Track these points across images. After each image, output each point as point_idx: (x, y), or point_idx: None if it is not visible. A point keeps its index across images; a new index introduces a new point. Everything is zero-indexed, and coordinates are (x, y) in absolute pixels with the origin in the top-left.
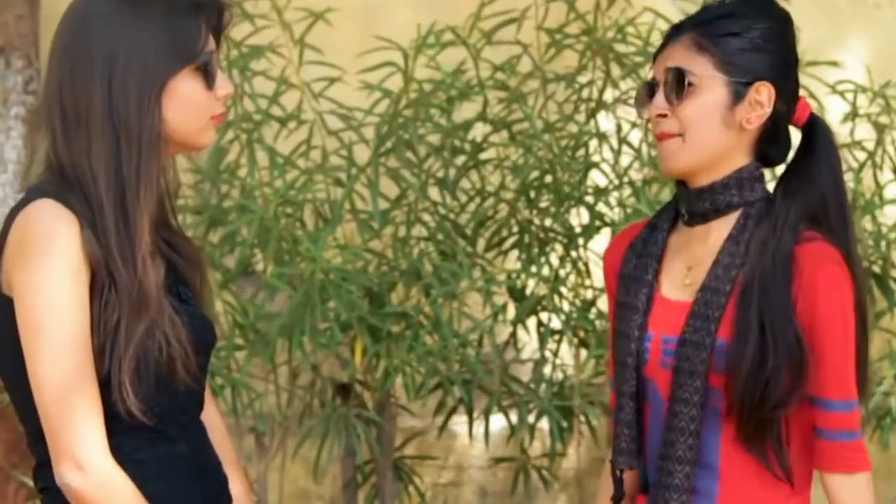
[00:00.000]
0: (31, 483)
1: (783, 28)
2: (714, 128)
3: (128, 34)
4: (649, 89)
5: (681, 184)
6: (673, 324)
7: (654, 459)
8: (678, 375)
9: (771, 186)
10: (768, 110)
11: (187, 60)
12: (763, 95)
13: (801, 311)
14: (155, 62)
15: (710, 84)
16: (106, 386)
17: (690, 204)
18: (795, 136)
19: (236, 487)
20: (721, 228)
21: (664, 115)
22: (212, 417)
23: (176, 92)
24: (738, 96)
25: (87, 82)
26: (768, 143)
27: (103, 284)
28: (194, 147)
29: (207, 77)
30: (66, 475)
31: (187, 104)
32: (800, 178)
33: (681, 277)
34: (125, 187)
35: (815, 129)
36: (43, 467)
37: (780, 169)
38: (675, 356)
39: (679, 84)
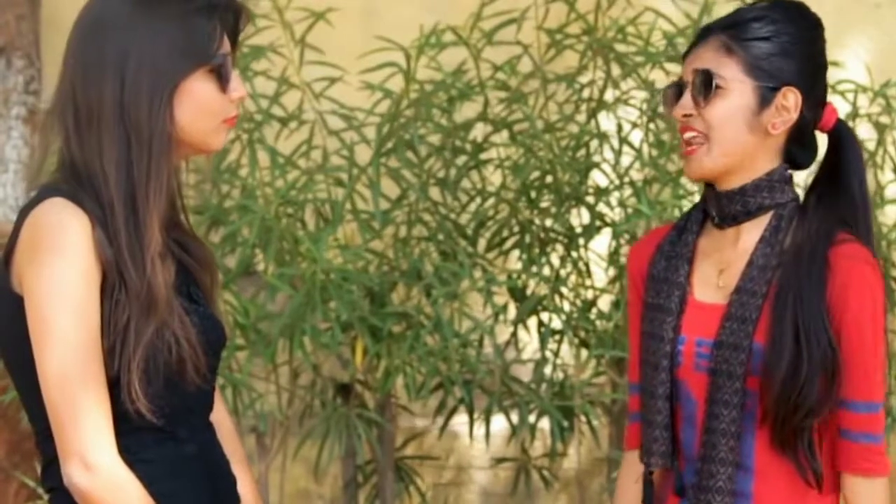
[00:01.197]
0: (32, 483)
1: (813, 33)
2: (739, 131)
3: (141, 34)
4: (677, 89)
5: (709, 186)
6: (706, 326)
7: (692, 461)
8: (716, 377)
9: (799, 190)
10: (794, 116)
11: (201, 62)
12: (790, 101)
13: (832, 311)
14: (167, 63)
15: (738, 88)
16: (115, 386)
17: (721, 206)
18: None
19: (245, 488)
20: (752, 230)
21: (690, 115)
22: (220, 418)
23: (189, 93)
24: (764, 101)
25: (99, 82)
26: (795, 147)
27: (114, 284)
28: (205, 150)
29: (221, 79)
30: (74, 475)
31: (200, 106)
32: (831, 184)
33: (712, 280)
34: (136, 187)
35: (843, 135)
36: (51, 467)
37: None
38: (713, 358)
39: (706, 86)
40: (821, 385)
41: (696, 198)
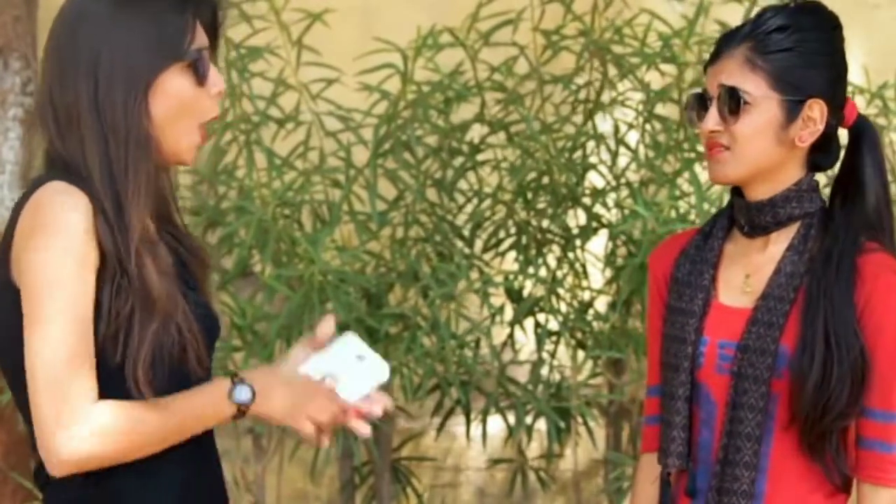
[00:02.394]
0: (29, 484)
1: (833, 35)
2: (766, 145)
3: (113, 33)
4: (700, 100)
5: (737, 195)
6: (730, 329)
7: (707, 463)
8: (742, 381)
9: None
10: (821, 127)
11: (174, 58)
12: (815, 112)
13: (858, 317)
14: (140, 60)
15: (764, 103)
16: (118, 375)
17: (751, 217)
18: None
19: None
20: (781, 238)
21: (717, 131)
22: None
23: (163, 90)
24: (791, 114)
25: (74, 82)
26: (819, 153)
27: (114, 270)
28: (176, 158)
29: (198, 74)
30: (62, 446)
31: (175, 102)
32: (854, 185)
33: (739, 284)
34: (118, 185)
35: (863, 132)
36: (45, 465)
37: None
38: (738, 362)
39: (734, 103)
40: (850, 388)
41: (693, 199)
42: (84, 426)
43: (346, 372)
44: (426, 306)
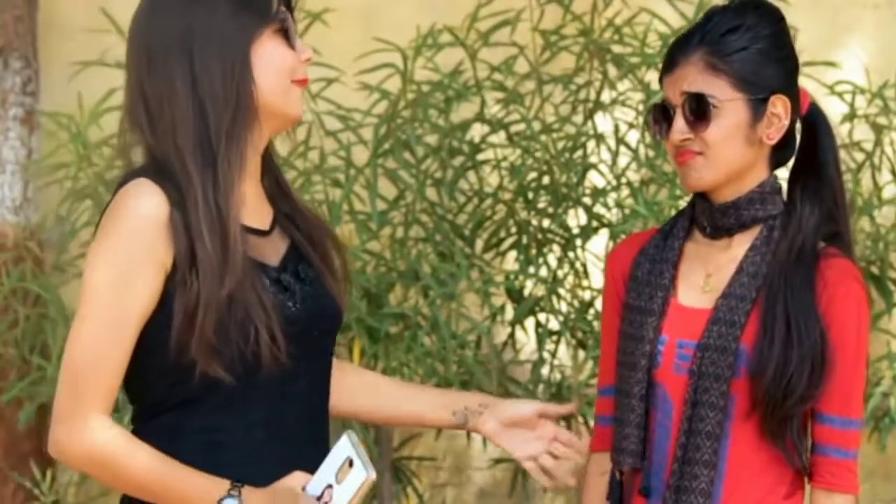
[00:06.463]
0: (28, 484)
1: (782, 30)
2: (738, 146)
3: (198, 11)
4: (663, 111)
5: (701, 197)
6: (690, 328)
7: (662, 463)
8: (702, 380)
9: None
10: (786, 122)
11: (264, 23)
12: (779, 108)
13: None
14: (234, 30)
15: (731, 105)
16: (189, 373)
17: (714, 219)
18: None
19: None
20: (743, 239)
21: (688, 139)
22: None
23: (261, 55)
24: (757, 113)
25: (166, 65)
26: (781, 150)
27: (185, 274)
28: (285, 116)
29: (287, 38)
30: (58, 441)
31: (275, 64)
32: (812, 175)
33: (698, 284)
34: (215, 155)
35: (818, 118)
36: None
37: None
38: (697, 361)
39: (702, 109)
40: (810, 370)
41: None
42: (79, 435)
43: (335, 480)
44: (427, 306)
